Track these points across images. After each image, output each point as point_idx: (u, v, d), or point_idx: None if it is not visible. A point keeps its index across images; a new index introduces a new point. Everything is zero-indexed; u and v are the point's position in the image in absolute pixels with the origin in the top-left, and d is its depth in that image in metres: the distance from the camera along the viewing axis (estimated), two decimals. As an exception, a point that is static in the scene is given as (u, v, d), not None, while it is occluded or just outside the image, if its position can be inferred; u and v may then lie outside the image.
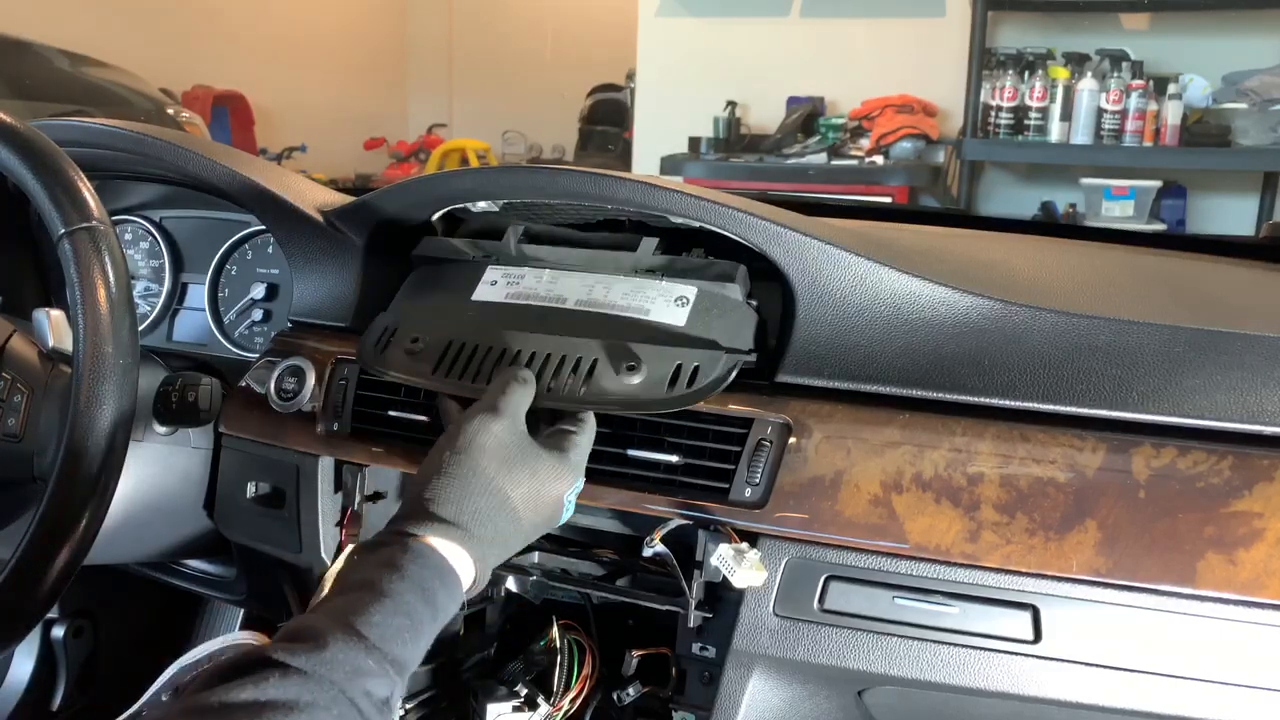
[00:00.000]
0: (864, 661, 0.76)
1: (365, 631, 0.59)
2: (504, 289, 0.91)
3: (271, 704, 0.53)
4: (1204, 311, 0.81)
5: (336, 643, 0.57)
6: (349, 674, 0.57)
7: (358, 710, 0.56)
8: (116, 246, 0.77)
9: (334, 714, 0.55)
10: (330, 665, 0.56)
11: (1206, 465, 0.72)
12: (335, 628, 0.59)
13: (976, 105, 3.66)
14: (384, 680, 0.59)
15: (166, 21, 5.16)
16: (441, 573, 0.66)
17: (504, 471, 0.72)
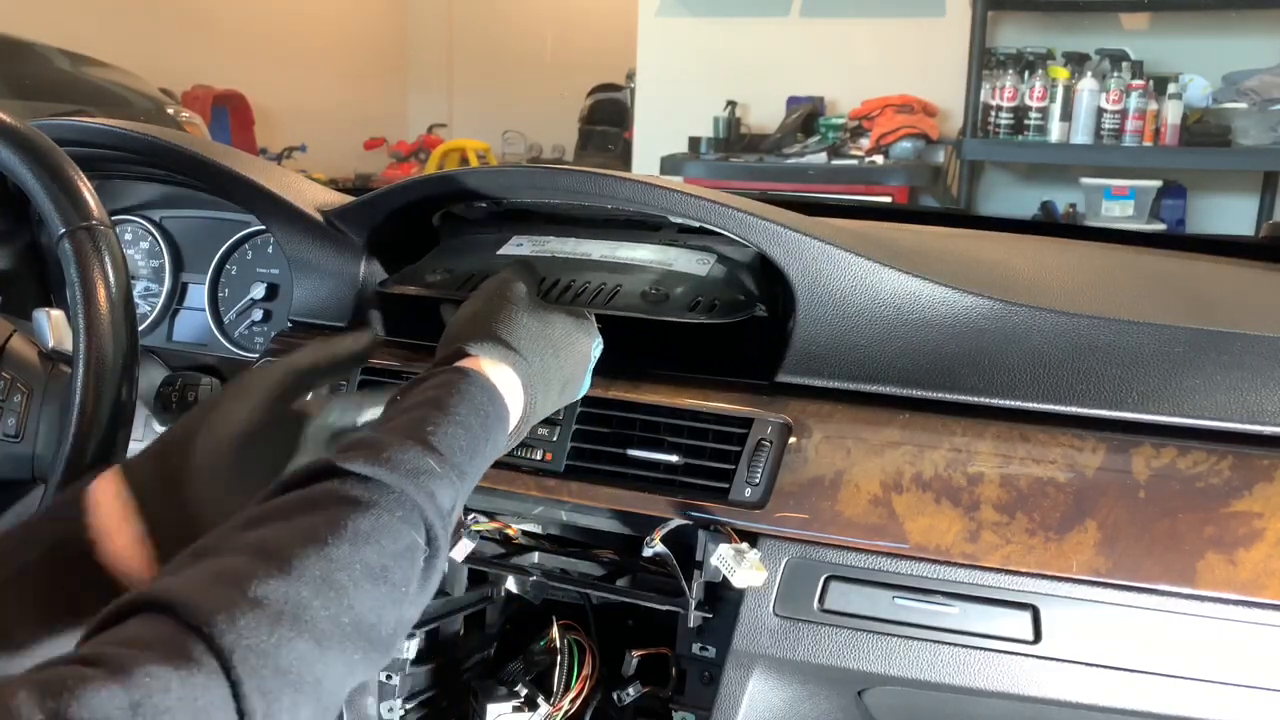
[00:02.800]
0: (864, 661, 0.76)
1: (428, 438, 0.58)
2: (529, 249, 0.92)
3: (334, 501, 0.52)
4: (1204, 311, 0.81)
5: (398, 448, 0.56)
6: (412, 474, 0.55)
7: (421, 514, 0.54)
8: (116, 246, 0.77)
9: (398, 515, 0.53)
10: (393, 467, 0.55)
11: (1206, 465, 0.72)
12: (397, 437, 0.57)
13: (976, 105, 3.67)
14: (446, 484, 0.57)
15: (166, 21, 5.16)
16: (494, 399, 0.66)
17: (537, 313, 0.75)
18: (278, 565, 0.47)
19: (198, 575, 0.46)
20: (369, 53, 6.79)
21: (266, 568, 0.46)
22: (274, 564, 0.47)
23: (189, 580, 0.46)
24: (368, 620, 0.49)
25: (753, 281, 0.87)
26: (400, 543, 0.52)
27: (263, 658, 0.43)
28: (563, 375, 0.75)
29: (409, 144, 6.47)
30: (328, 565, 0.48)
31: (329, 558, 0.48)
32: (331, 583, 0.48)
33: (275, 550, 0.48)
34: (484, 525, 0.88)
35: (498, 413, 0.66)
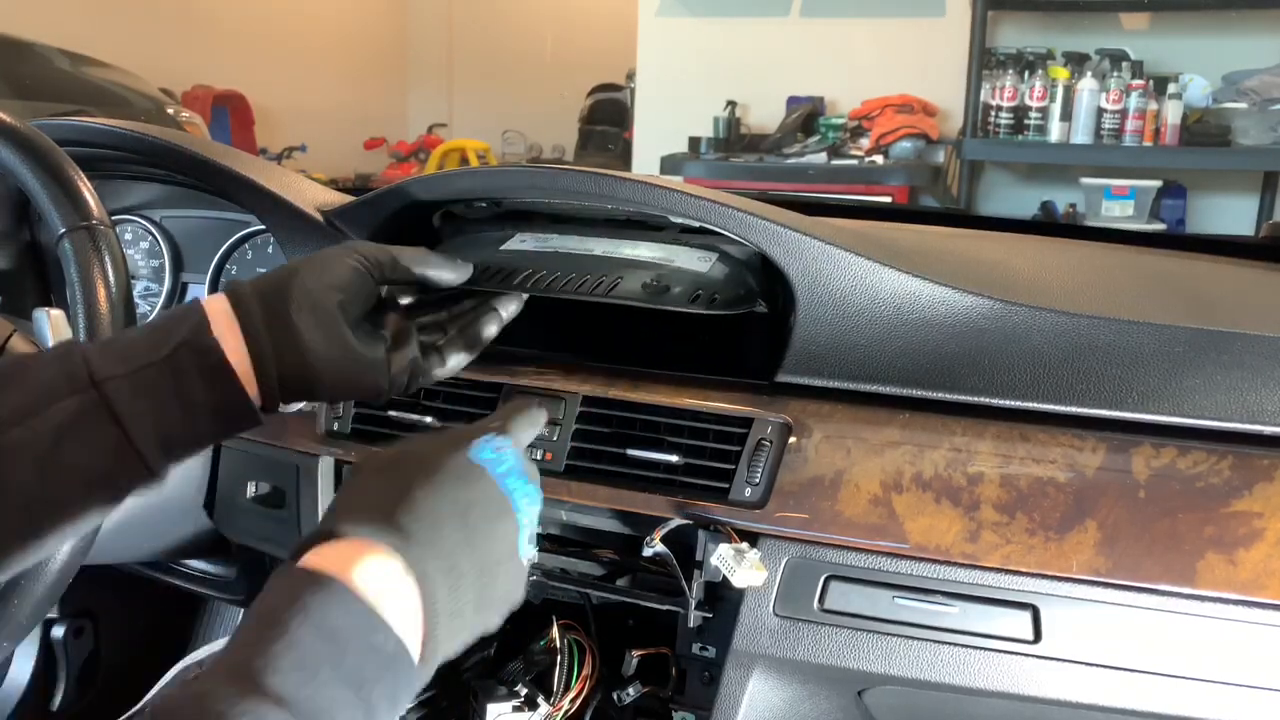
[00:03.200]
0: (864, 661, 0.76)
1: (274, 691, 0.44)
2: (532, 245, 0.92)
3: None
4: (1204, 311, 0.81)
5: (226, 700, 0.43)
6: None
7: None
8: (116, 246, 0.77)
9: None
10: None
11: (1206, 465, 0.72)
12: (224, 684, 0.44)
13: (976, 105, 3.66)
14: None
15: (166, 21, 5.16)
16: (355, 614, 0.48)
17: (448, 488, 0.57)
18: None
19: None
20: (369, 53, 6.79)
21: None
22: None
23: None
24: None
25: (754, 279, 0.87)
26: None
27: None
28: (475, 572, 0.55)
29: (409, 144, 6.47)
30: None
31: None
32: None
33: None
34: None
35: (364, 633, 0.48)
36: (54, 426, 0.58)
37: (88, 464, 0.59)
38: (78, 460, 0.58)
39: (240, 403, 0.63)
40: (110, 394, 0.59)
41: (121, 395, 0.59)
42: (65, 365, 0.59)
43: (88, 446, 0.58)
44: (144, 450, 0.60)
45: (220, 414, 0.63)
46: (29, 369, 0.59)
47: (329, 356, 0.66)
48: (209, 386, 0.62)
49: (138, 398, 0.59)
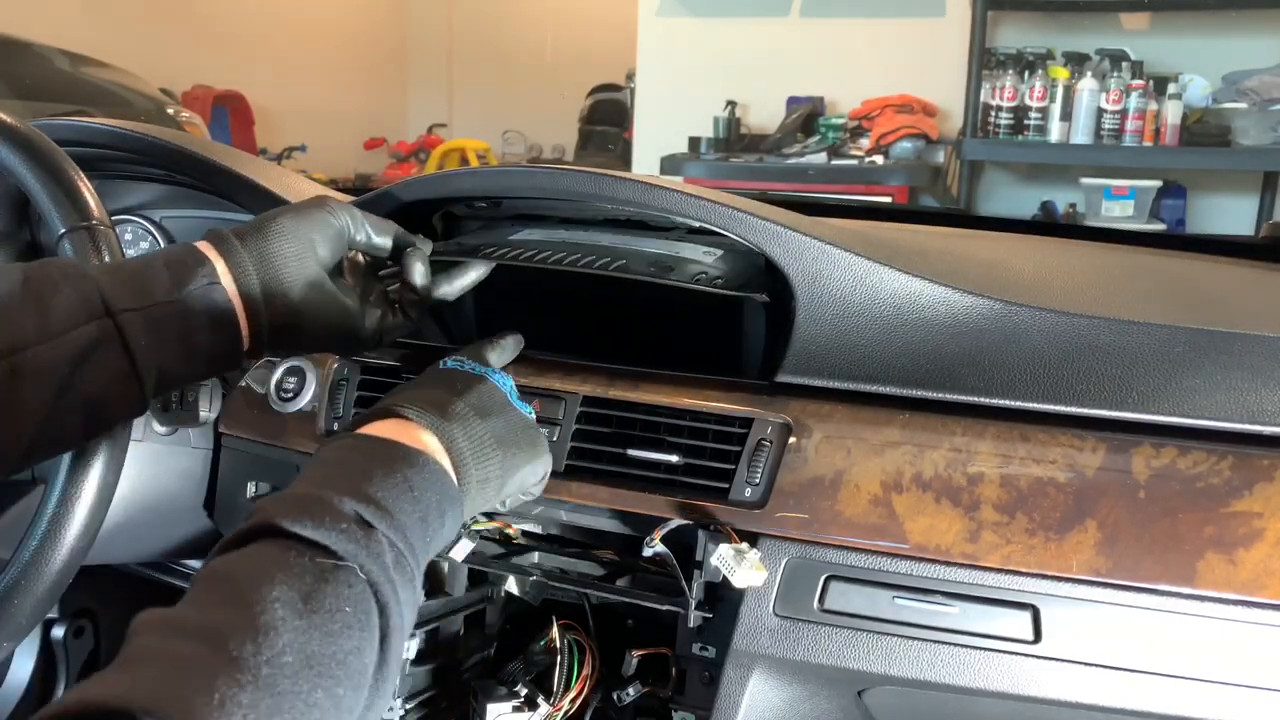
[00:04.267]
0: (864, 661, 0.76)
1: (375, 498, 0.55)
2: (541, 236, 0.93)
3: (291, 575, 0.48)
4: (1204, 311, 0.81)
5: (341, 505, 0.53)
6: (363, 543, 0.51)
7: (383, 585, 0.51)
8: (116, 246, 0.77)
9: (354, 588, 0.49)
10: (345, 536, 0.51)
11: (1206, 465, 0.72)
12: (340, 494, 0.54)
13: (976, 105, 3.66)
14: (395, 552, 0.54)
15: (166, 21, 5.17)
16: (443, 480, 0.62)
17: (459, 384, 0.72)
18: (245, 666, 0.43)
19: (158, 676, 0.42)
20: (369, 53, 6.79)
21: (231, 669, 0.43)
22: (237, 665, 0.43)
23: (150, 684, 0.42)
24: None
25: (757, 274, 0.87)
26: (363, 612, 0.50)
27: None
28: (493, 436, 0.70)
29: (409, 144, 6.47)
30: (298, 658, 0.46)
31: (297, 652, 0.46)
32: (308, 672, 0.45)
33: (234, 640, 0.44)
34: (484, 525, 0.88)
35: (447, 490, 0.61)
36: (75, 350, 0.59)
37: (96, 390, 0.61)
38: (90, 386, 0.61)
39: (235, 349, 0.67)
40: (124, 325, 0.61)
41: (135, 328, 0.61)
42: (79, 289, 0.61)
43: (100, 374, 0.61)
44: (145, 384, 0.62)
45: (215, 358, 0.66)
46: (44, 287, 0.61)
47: (312, 302, 0.69)
48: (213, 332, 0.65)
49: (147, 332, 0.62)
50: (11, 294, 0.59)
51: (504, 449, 0.70)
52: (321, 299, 0.70)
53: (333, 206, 0.74)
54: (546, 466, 0.76)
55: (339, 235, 0.74)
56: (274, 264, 0.68)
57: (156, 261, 0.65)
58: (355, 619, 0.49)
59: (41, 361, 0.58)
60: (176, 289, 0.64)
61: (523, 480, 0.73)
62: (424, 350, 0.97)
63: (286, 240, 0.69)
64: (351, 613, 0.49)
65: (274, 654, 0.44)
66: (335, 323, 0.72)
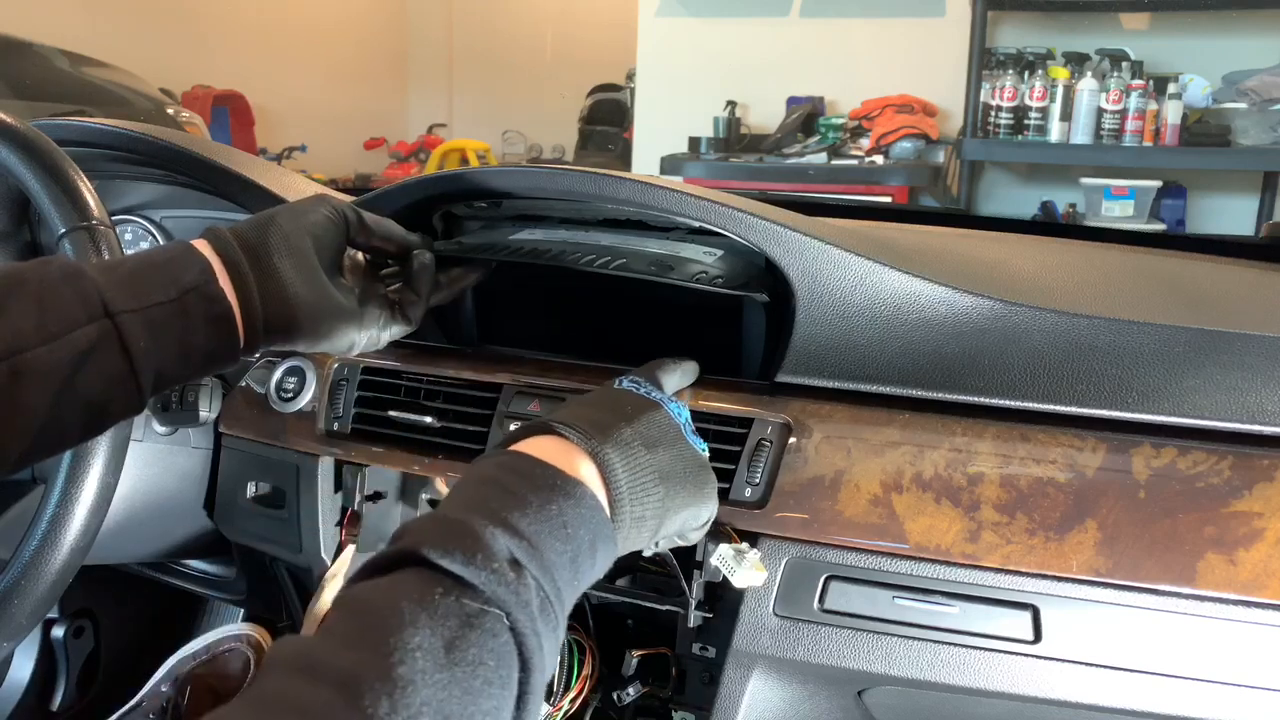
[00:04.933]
0: (864, 661, 0.76)
1: (527, 533, 0.51)
2: (541, 236, 0.93)
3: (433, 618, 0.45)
4: (1204, 311, 0.81)
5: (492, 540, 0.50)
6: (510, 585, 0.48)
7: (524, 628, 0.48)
8: (116, 246, 0.77)
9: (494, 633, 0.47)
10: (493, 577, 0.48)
11: (1206, 465, 0.72)
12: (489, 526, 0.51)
13: (976, 105, 3.66)
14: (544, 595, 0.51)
15: (166, 21, 5.16)
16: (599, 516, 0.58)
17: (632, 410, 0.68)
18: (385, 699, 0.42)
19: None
20: (369, 53, 6.79)
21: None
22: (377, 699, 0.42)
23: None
24: None
25: (757, 274, 0.87)
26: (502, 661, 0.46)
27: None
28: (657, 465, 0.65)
29: (409, 144, 6.47)
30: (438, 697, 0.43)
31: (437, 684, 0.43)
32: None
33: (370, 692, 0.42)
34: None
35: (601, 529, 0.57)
36: (75, 352, 0.59)
37: (95, 391, 0.61)
38: (89, 387, 0.60)
39: (232, 348, 0.66)
40: (123, 326, 0.61)
41: (133, 330, 0.61)
42: (78, 289, 0.61)
43: (99, 375, 0.60)
44: (143, 384, 0.62)
45: (212, 357, 0.66)
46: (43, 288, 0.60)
47: (308, 299, 0.69)
48: (211, 333, 0.65)
49: (146, 333, 0.62)
50: (10, 294, 0.59)
51: (667, 486, 0.65)
52: (318, 298, 0.69)
53: (332, 205, 0.74)
54: (712, 511, 0.70)
55: (338, 234, 0.73)
56: (270, 262, 0.67)
57: (154, 260, 0.65)
58: (497, 674, 0.46)
59: (41, 363, 0.58)
60: (174, 288, 0.63)
61: (684, 523, 0.68)
62: (424, 350, 0.97)
63: (284, 238, 0.69)
64: (494, 667, 0.46)
65: (410, 714, 0.42)
66: (332, 322, 0.71)
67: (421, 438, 0.91)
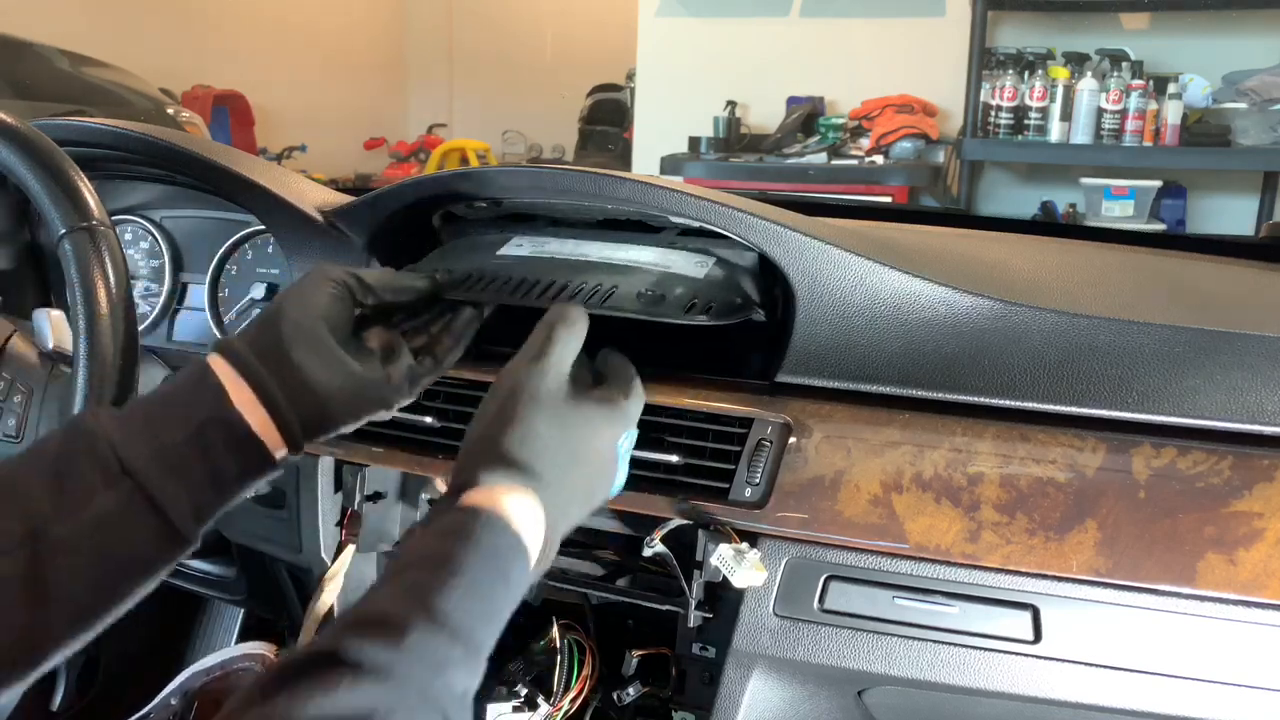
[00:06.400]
0: (864, 661, 0.76)
1: (448, 614, 0.52)
2: (529, 250, 0.92)
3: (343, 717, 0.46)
4: (1204, 311, 0.81)
5: (416, 631, 0.50)
6: (431, 669, 0.50)
7: (440, 712, 0.49)
8: (117, 246, 0.77)
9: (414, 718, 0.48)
10: (410, 661, 0.49)
11: (1206, 465, 0.72)
12: (413, 611, 0.51)
13: (976, 105, 3.66)
14: (466, 671, 0.52)
15: (166, 21, 5.16)
16: (515, 547, 0.59)
17: (559, 411, 0.66)
18: None
19: None
20: (369, 53, 6.79)
21: None
22: None
23: None
24: None
25: (751, 285, 0.87)
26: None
27: None
28: (587, 486, 0.68)
29: (409, 144, 6.47)
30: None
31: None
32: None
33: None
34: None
35: (520, 565, 0.59)
36: (96, 523, 0.58)
37: (132, 553, 0.60)
38: (124, 550, 0.59)
39: (263, 463, 0.64)
40: (146, 483, 0.59)
41: (155, 481, 0.60)
42: (91, 452, 0.59)
43: (131, 537, 0.59)
44: (182, 528, 0.61)
45: (248, 476, 0.64)
46: (57, 460, 0.59)
47: (335, 385, 0.66)
48: (238, 458, 0.63)
49: (171, 480, 0.60)
50: (30, 472, 0.59)
51: (586, 504, 0.68)
52: (347, 381, 0.67)
53: (332, 277, 0.70)
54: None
55: (346, 306, 0.70)
56: (291, 362, 0.65)
57: (167, 397, 0.63)
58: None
59: (65, 540, 0.57)
60: (189, 424, 0.62)
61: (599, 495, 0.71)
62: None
63: (297, 330, 0.66)
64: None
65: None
66: (362, 398, 0.69)
67: (421, 438, 0.91)
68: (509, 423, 0.65)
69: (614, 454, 0.70)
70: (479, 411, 0.68)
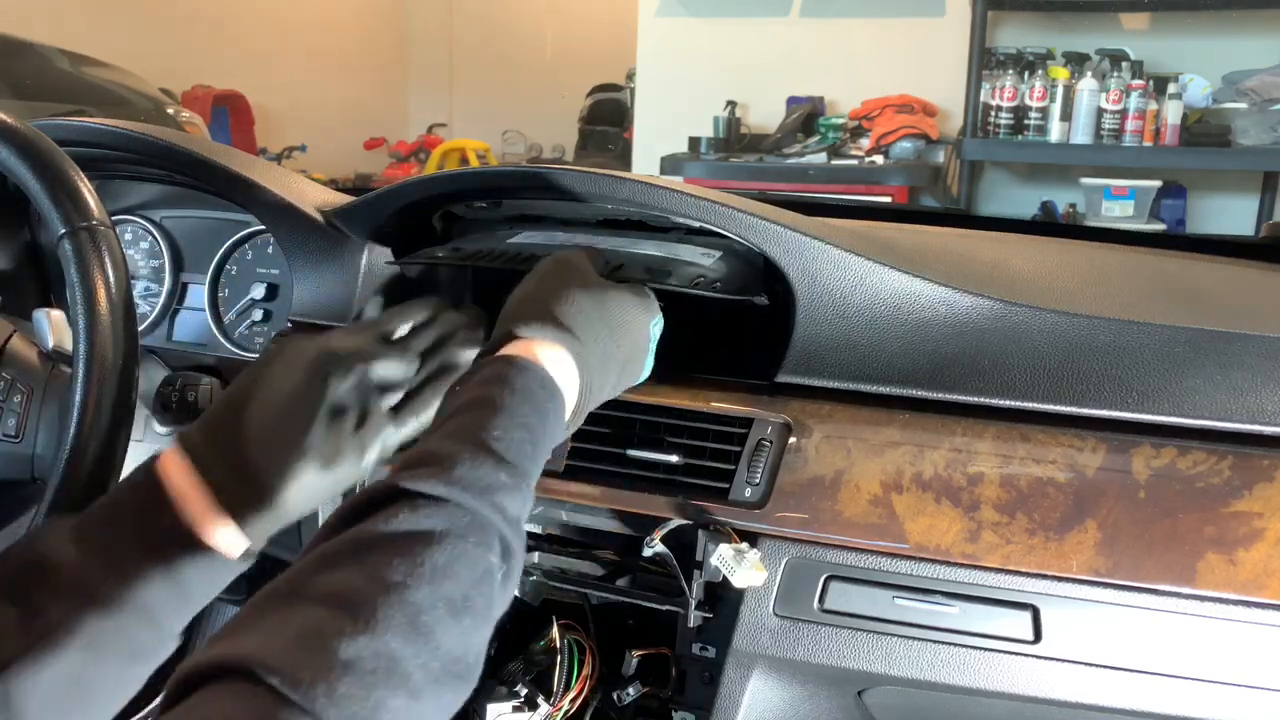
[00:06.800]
0: (864, 661, 0.76)
1: (492, 445, 0.55)
2: (541, 239, 0.93)
3: (410, 535, 0.49)
4: (1204, 311, 0.81)
5: (465, 461, 0.54)
6: (482, 492, 0.53)
7: (496, 532, 0.53)
8: (117, 246, 0.77)
9: (473, 541, 0.51)
10: (463, 485, 0.52)
11: (1206, 465, 0.72)
12: (461, 446, 0.55)
13: (976, 105, 3.66)
14: (516, 495, 0.55)
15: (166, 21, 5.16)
16: (546, 384, 0.62)
17: (596, 292, 0.70)
18: (364, 619, 0.45)
19: (280, 635, 0.44)
20: (369, 53, 6.78)
21: (352, 624, 0.45)
22: (359, 618, 0.45)
23: (272, 641, 0.44)
24: (455, 655, 0.48)
25: (756, 276, 0.87)
26: (479, 569, 0.51)
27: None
28: (621, 356, 0.71)
29: (409, 144, 6.47)
30: (413, 611, 0.47)
31: (412, 602, 0.47)
32: (418, 628, 0.46)
33: (356, 601, 0.46)
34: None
35: (554, 403, 0.62)
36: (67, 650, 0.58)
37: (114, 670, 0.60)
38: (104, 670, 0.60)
39: (226, 570, 0.63)
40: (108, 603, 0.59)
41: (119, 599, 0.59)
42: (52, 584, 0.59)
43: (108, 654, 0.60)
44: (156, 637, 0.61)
45: (215, 584, 0.64)
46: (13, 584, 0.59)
47: (297, 483, 0.64)
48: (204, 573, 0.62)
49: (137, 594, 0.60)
50: None
51: (621, 372, 0.72)
52: (313, 473, 0.64)
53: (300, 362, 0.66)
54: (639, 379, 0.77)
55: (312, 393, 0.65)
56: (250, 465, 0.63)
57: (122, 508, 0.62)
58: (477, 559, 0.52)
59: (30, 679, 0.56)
60: (146, 546, 0.61)
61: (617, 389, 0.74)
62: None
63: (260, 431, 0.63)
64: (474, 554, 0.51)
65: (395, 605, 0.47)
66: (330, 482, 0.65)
67: (421, 438, 0.91)
68: (550, 288, 0.69)
69: (647, 336, 0.74)
70: (518, 289, 0.71)
